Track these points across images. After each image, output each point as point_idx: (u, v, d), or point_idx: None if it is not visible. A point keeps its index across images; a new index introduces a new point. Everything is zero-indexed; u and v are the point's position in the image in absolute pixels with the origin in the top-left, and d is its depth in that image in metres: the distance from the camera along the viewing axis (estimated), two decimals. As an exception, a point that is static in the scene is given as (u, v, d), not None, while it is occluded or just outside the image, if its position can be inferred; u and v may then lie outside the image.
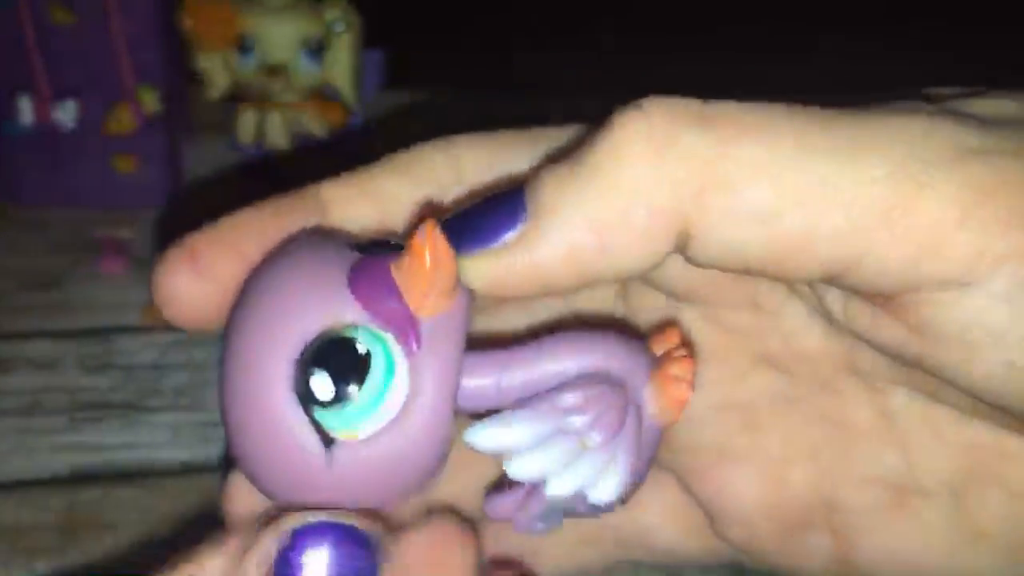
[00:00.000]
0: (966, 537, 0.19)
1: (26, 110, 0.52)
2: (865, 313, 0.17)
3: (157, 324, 0.46)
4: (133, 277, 0.49)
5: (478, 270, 0.17)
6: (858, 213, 0.15)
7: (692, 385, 0.18)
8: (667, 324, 0.19)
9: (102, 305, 0.47)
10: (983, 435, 0.18)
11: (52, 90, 0.52)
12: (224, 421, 0.18)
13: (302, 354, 0.17)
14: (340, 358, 0.17)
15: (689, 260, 0.17)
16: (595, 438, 0.17)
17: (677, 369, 0.18)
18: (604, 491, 0.18)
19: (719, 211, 0.16)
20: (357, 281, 0.17)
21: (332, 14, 0.56)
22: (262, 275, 0.18)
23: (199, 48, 0.55)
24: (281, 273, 0.18)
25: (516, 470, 0.17)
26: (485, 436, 0.17)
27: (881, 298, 0.17)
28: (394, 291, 0.17)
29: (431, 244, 0.17)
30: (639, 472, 0.18)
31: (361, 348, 0.17)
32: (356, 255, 0.18)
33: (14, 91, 0.52)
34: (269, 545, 0.17)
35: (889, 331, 0.17)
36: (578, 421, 0.17)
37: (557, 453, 0.17)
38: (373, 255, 0.18)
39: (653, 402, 0.18)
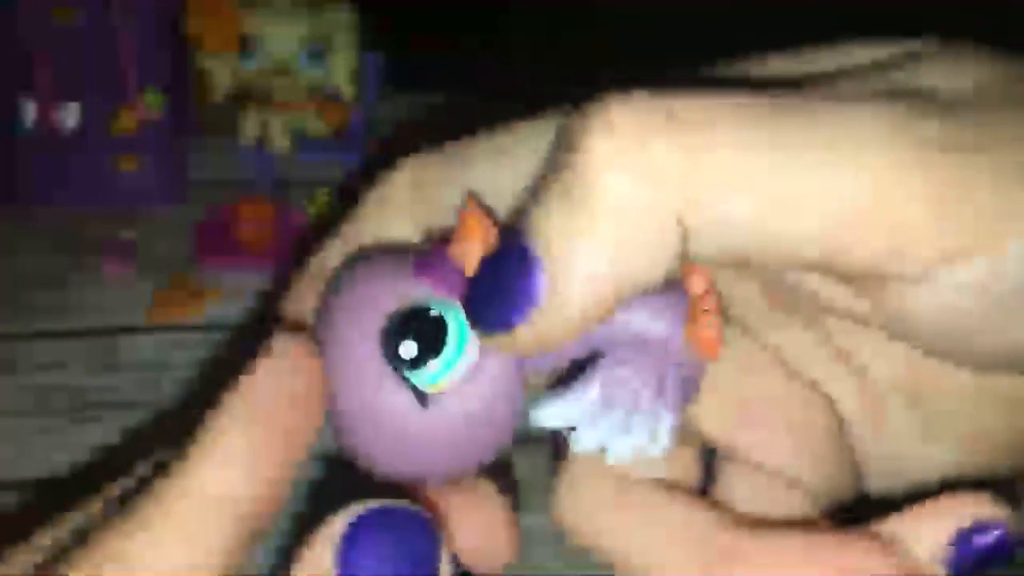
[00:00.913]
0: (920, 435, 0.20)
1: (29, 111, 0.52)
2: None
3: (161, 324, 0.46)
4: (137, 277, 0.49)
5: (519, 342, 0.18)
6: (832, 219, 0.16)
7: (721, 327, 0.19)
8: (690, 268, 0.20)
9: (106, 305, 0.48)
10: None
11: (55, 92, 0.52)
12: (332, 410, 0.20)
13: (386, 328, 0.19)
14: (419, 325, 0.19)
15: (694, 257, 0.17)
16: (644, 400, 0.19)
17: (708, 312, 0.20)
18: (656, 448, 0.19)
19: (703, 222, 0.16)
20: (420, 266, 0.20)
21: (334, 16, 0.56)
22: (343, 277, 0.21)
23: (202, 49, 0.56)
24: (356, 273, 0.20)
25: (578, 444, 0.19)
26: (548, 415, 0.19)
27: (855, 283, 0.17)
28: (451, 264, 0.19)
29: (476, 215, 0.19)
30: (680, 417, 0.20)
31: (434, 312, 0.19)
32: (417, 250, 0.20)
33: (17, 93, 0.52)
34: (330, 534, 0.18)
35: (860, 306, 0.18)
36: (628, 385, 0.19)
37: (612, 423, 0.19)
38: (432, 245, 0.20)
39: (689, 346, 0.20)
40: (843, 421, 0.20)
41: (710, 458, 0.21)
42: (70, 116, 0.52)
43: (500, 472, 0.22)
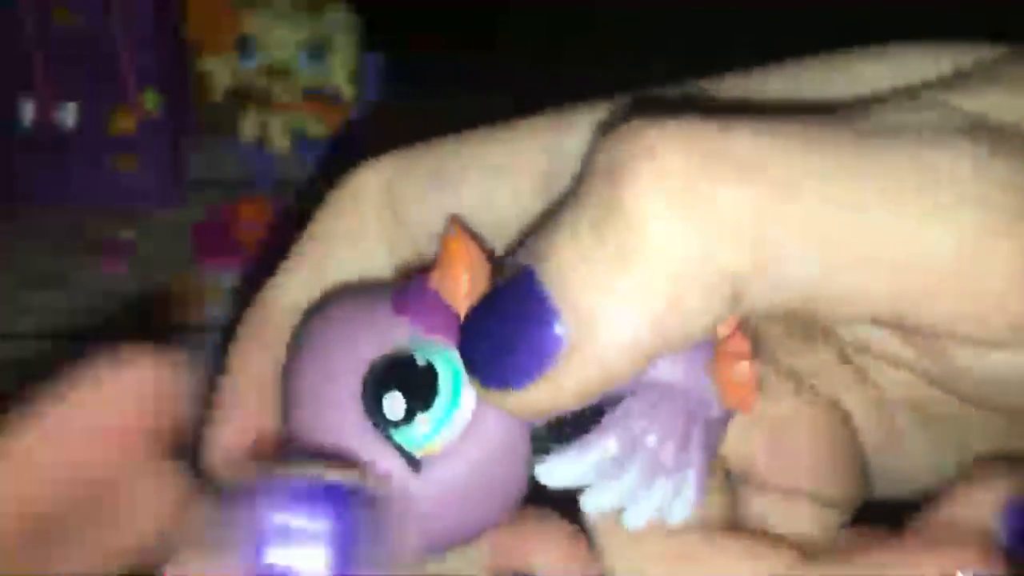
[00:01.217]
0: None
1: (28, 111, 0.52)
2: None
3: (160, 324, 0.46)
4: (136, 277, 0.49)
5: (528, 403, 0.16)
6: (911, 279, 0.14)
7: (755, 374, 0.17)
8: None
9: (104, 305, 0.48)
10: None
11: (54, 91, 0.52)
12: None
13: (365, 383, 0.17)
14: (405, 376, 0.17)
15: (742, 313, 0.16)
16: (667, 455, 0.17)
17: (737, 354, 0.17)
18: (679, 512, 0.17)
19: (766, 281, 0.14)
20: (400, 301, 0.17)
21: (333, 16, 0.56)
22: (311, 325, 0.18)
23: (200, 49, 0.56)
24: (329, 316, 0.18)
25: (591, 505, 0.17)
26: (556, 473, 0.17)
27: (913, 337, 0.16)
28: (437, 299, 0.17)
29: (461, 241, 0.17)
30: (708, 473, 0.18)
31: (420, 361, 0.17)
32: (396, 284, 0.18)
33: (16, 92, 0.52)
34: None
35: (905, 353, 0.17)
36: (648, 438, 0.17)
37: (630, 483, 0.17)
38: (411, 278, 0.17)
39: (718, 394, 0.18)
40: (858, 433, 0.20)
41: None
42: (69, 116, 0.52)
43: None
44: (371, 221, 0.19)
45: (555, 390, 0.15)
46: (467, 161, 0.19)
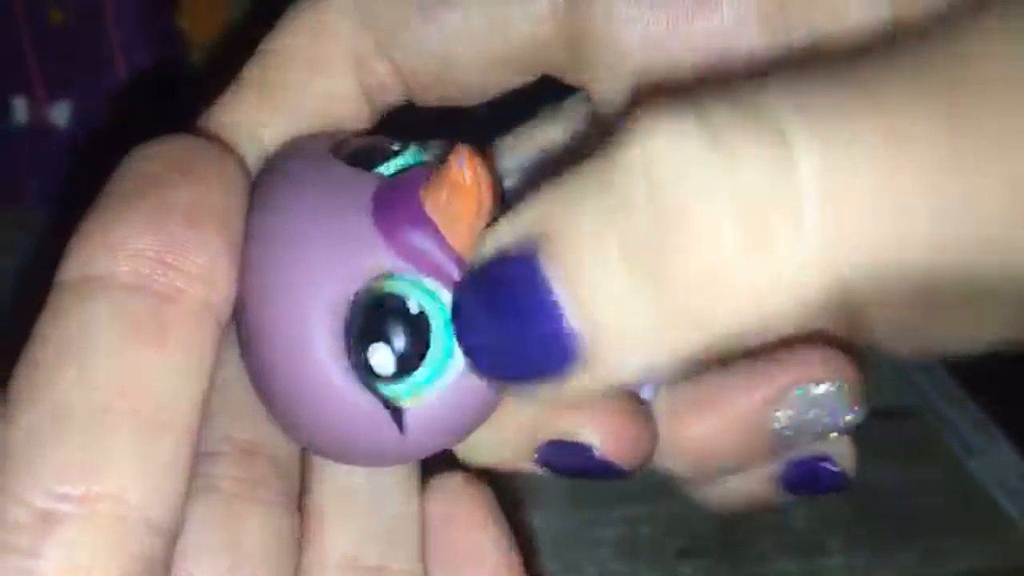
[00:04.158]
0: None
1: (20, 110, 0.52)
2: None
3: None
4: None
5: (532, 394, 0.15)
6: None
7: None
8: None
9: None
10: None
11: (46, 90, 0.51)
12: (267, 397, 0.16)
13: (348, 324, 0.15)
14: (395, 324, 0.15)
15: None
16: None
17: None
18: None
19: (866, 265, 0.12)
20: (386, 220, 0.15)
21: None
22: (267, 221, 0.16)
23: (194, 47, 0.55)
24: (291, 216, 0.15)
25: None
26: None
27: None
28: (433, 231, 0.15)
29: (472, 171, 0.14)
30: None
31: (413, 307, 0.15)
32: (372, 180, 0.15)
33: (8, 91, 0.51)
34: None
35: None
36: None
37: None
38: (393, 182, 0.15)
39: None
40: None
41: None
42: (62, 115, 0.52)
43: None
44: (338, 43, 0.17)
45: (561, 391, 0.14)
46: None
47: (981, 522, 0.39)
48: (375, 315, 0.15)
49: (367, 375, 0.15)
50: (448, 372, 0.15)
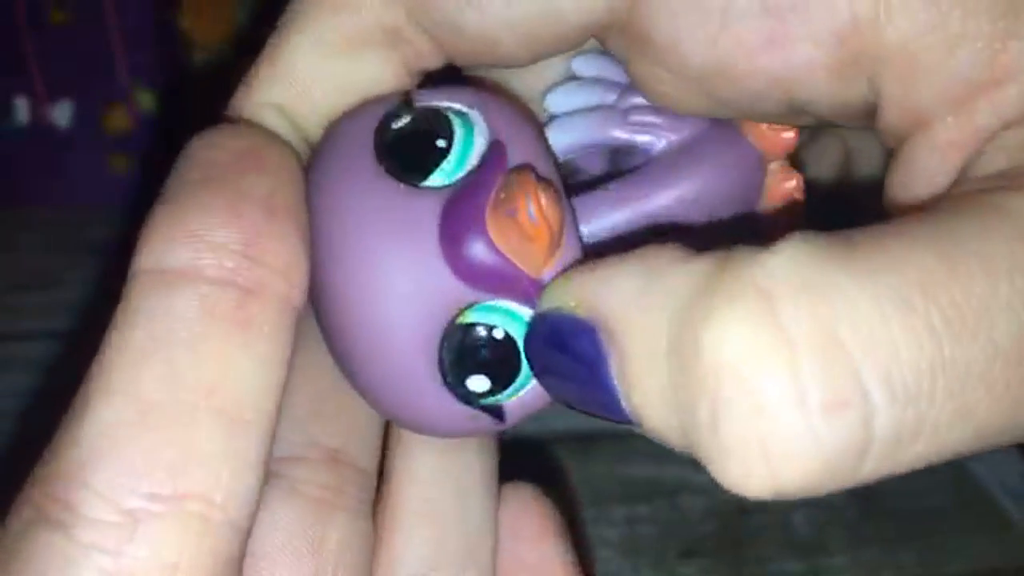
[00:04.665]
0: None
1: (22, 110, 0.52)
2: None
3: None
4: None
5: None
6: None
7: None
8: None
9: (103, 305, 0.47)
10: None
11: (48, 90, 0.51)
12: (359, 391, 0.17)
13: (441, 359, 0.16)
14: (485, 353, 0.16)
15: None
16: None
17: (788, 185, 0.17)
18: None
19: None
20: (459, 259, 0.15)
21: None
22: (332, 234, 0.16)
23: (196, 46, 0.55)
24: (355, 240, 0.16)
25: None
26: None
27: None
28: (506, 263, 0.15)
29: (540, 217, 0.15)
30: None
31: (499, 333, 0.16)
32: (431, 202, 0.16)
33: (10, 91, 0.51)
34: None
35: None
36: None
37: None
38: (455, 208, 0.16)
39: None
40: None
41: None
42: (63, 114, 0.52)
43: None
44: (366, 14, 0.17)
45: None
46: None
47: (981, 522, 0.39)
48: (465, 349, 0.16)
49: (466, 393, 0.16)
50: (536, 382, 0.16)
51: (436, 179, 0.16)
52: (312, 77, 0.17)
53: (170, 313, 0.14)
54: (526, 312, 0.16)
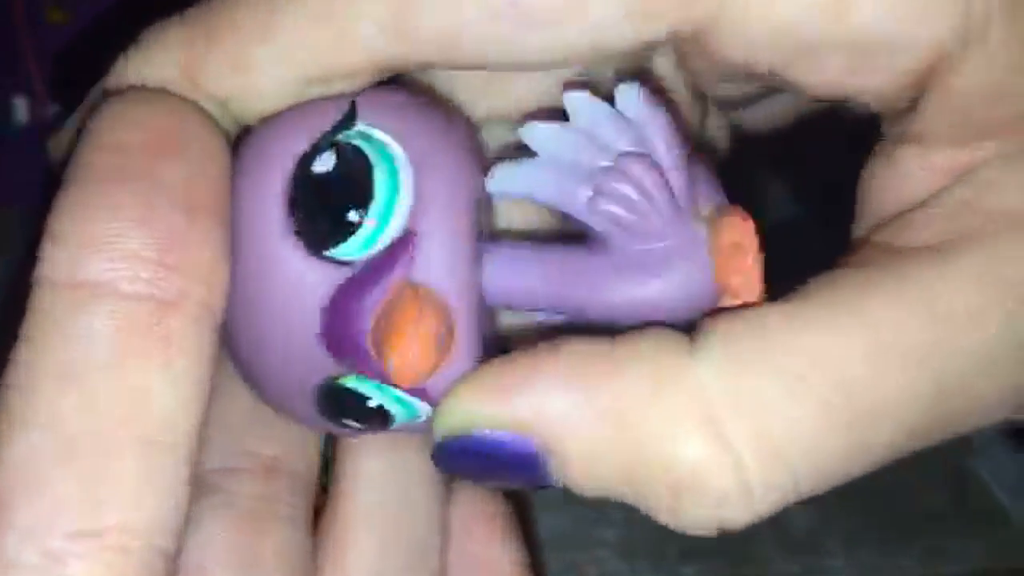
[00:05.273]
0: None
1: (21, 109, 0.51)
2: None
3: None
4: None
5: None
6: None
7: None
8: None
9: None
10: None
11: (47, 90, 0.51)
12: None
13: (320, 407, 0.17)
14: (360, 416, 0.16)
15: None
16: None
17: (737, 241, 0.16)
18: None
19: None
20: (338, 354, 0.16)
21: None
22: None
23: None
24: (244, 291, 0.16)
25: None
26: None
27: None
28: (383, 372, 0.15)
29: (415, 347, 0.15)
30: None
31: (372, 404, 0.16)
32: (325, 282, 0.15)
33: (9, 91, 0.51)
34: None
35: None
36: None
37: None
38: (346, 296, 0.15)
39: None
40: None
41: None
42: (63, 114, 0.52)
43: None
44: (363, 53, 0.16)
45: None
46: None
47: (981, 522, 0.39)
48: (340, 408, 0.17)
49: (346, 426, 0.17)
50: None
51: (340, 251, 0.16)
52: (272, 83, 0.16)
53: (85, 335, 0.14)
54: (404, 395, 0.16)
